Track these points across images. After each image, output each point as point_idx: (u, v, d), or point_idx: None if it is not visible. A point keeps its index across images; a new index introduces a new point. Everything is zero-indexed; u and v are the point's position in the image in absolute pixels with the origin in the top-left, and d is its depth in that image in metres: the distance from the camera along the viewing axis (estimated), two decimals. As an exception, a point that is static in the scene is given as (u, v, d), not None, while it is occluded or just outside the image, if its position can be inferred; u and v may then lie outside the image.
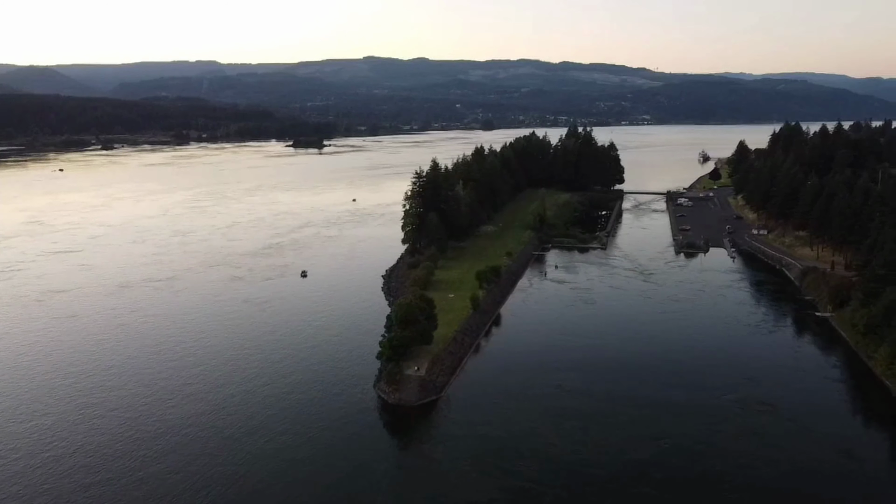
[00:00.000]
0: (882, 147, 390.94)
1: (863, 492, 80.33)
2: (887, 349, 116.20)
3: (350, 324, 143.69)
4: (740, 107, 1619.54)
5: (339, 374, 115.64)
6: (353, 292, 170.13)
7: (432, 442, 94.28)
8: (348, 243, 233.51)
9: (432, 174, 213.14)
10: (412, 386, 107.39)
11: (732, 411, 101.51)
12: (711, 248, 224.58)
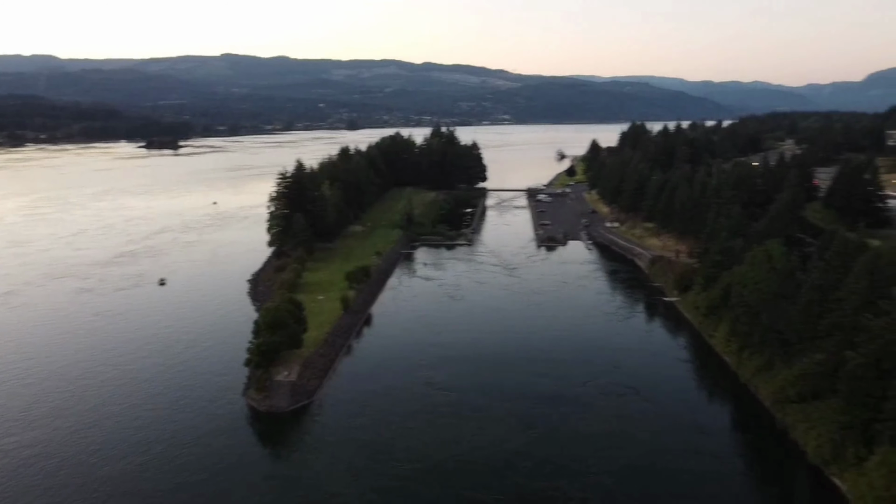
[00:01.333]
0: (715, 144, 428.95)
1: (713, 465, 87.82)
2: (725, 328, 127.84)
3: (215, 332, 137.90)
4: (592, 107, 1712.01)
5: (206, 386, 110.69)
6: (217, 299, 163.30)
7: (306, 449, 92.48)
8: (210, 248, 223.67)
9: (297, 175, 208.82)
10: (283, 392, 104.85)
11: (596, 397, 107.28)
12: (570, 242, 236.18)
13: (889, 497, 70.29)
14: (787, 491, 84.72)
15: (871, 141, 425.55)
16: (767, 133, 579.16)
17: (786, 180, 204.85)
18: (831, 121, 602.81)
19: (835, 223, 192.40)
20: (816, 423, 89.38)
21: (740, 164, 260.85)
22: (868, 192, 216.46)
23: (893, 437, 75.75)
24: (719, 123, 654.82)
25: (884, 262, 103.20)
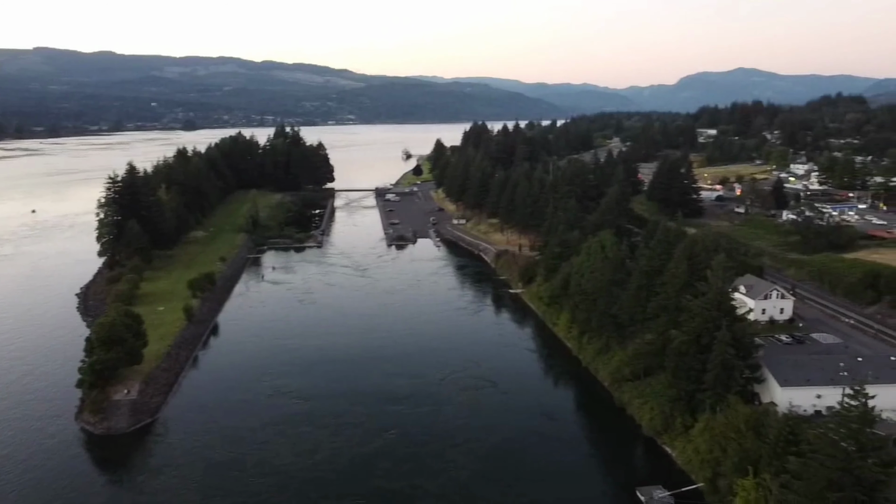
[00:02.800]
0: (551, 143, 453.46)
1: (562, 447, 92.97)
2: (566, 316, 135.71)
3: (41, 353, 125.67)
4: (435, 107, 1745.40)
5: (33, 412, 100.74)
6: (42, 317, 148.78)
7: (149, 472, 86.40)
8: (30, 261, 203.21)
9: (130, 178, 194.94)
10: (122, 412, 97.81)
11: (453, 392, 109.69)
12: (419, 240, 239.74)
13: (711, 458, 78.11)
14: (627, 463, 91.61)
15: (686, 139, 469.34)
16: (597, 132, 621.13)
17: (614, 175, 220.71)
18: (651, 120, 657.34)
19: (657, 214, 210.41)
20: (649, 398, 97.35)
21: (574, 160, 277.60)
22: (684, 185, 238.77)
23: (713, 404, 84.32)
24: (554, 123, 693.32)
25: (699, 248, 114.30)
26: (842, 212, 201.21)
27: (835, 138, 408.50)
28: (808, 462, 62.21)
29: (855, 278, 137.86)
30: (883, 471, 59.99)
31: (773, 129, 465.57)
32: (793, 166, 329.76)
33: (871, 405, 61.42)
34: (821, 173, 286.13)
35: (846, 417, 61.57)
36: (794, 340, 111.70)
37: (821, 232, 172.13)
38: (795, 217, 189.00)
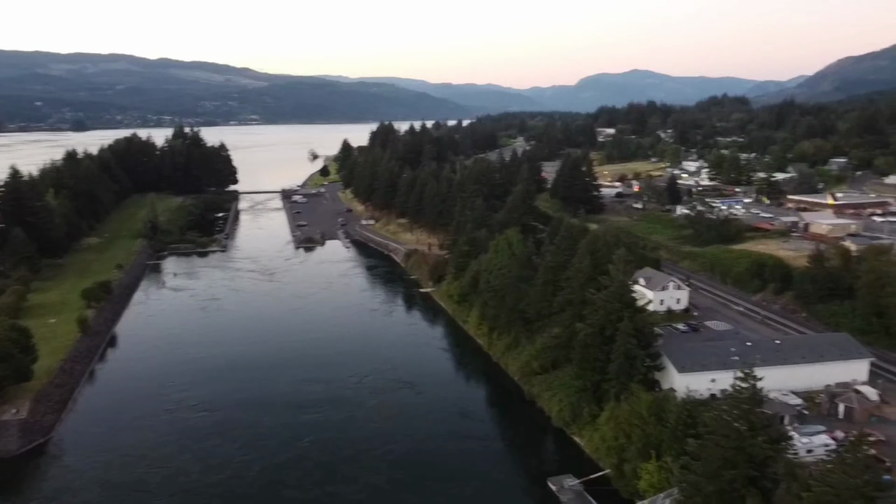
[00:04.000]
0: (457, 142, 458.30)
1: (476, 444, 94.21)
2: (476, 313, 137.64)
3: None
4: (340, 107, 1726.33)
5: None
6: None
7: (43, 497, 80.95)
8: None
9: (13, 183, 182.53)
10: (10, 433, 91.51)
11: (367, 395, 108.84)
12: (328, 241, 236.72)
13: (617, 445, 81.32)
14: (538, 455, 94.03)
15: (586, 138, 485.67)
16: (502, 131, 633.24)
17: (519, 174, 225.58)
18: (553, 120, 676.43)
19: (561, 211, 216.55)
20: (557, 390, 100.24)
21: (480, 160, 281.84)
22: (586, 183, 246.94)
23: (617, 393, 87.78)
24: (460, 123, 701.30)
25: (601, 243, 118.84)
26: (730, 206, 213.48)
27: (722, 136, 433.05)
28: (705, 443, 65.83)
29: (743, 268, 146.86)
30: (771, 447, 64.31)
31: (667, 128, 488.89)
32: (685, 163, 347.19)
33: (760, 387, 65.75)
34: (710, 170, 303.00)
35: (738, 399, 65.61)
36: (690, 328, 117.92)
37: (711, 225, 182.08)
38: (688, 212, 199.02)
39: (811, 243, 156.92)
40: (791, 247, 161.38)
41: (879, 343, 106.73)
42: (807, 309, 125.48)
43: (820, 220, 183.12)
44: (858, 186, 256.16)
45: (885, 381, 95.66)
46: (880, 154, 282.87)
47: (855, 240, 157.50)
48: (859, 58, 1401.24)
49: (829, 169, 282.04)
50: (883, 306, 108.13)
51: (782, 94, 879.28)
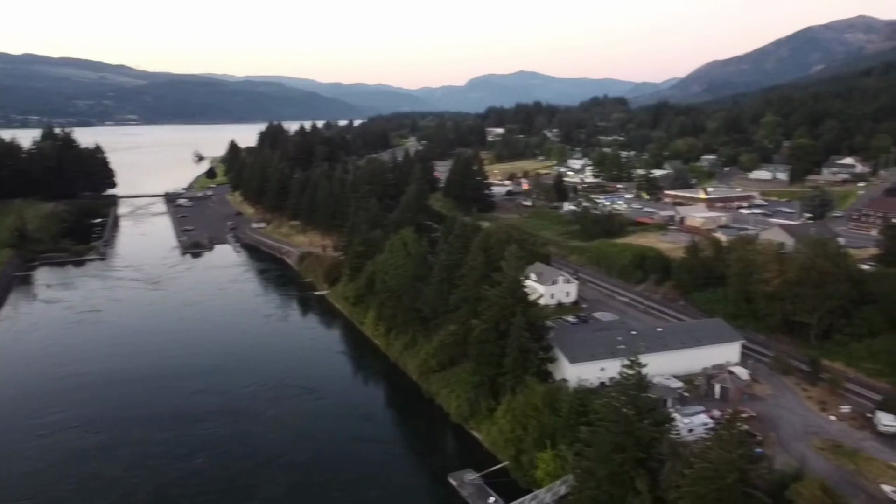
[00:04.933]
0: (349, 143, 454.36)
1: (377, 447, 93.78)
2: (373, 314, 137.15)
3: None
4: (226, 107, 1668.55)
5: None
6: None
7: None
8: None
9: None
10: None
11: (266, 404, 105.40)
12: (217, 246, 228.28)
13: (514, 437, 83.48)
14: (439, 452, 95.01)
15: (476, 138, 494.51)
16: (394, 131, 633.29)
17: (412, 174, 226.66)
18: (444, 120, 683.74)
19: (454, 210, 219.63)
20: (455, 386, 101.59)
21: (372, 160, 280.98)
22: (477, 181, 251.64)
23: (513, 386, 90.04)
24: (351, 123, 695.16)
25: (493, 240, 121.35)
26: (613, 202, 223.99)
27: (604, 135, 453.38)
28: (596, 430, 68.84)
29: (626, 261, 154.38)
30: (656, 429, 68.10)
31: (553, 128, 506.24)
32: (570, 161, 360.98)
33: (645, 373, 69.47)
34: (594, 167, 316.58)
35: (625, 386, 69.03)
36: (580, 320, 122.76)
37: (596, 221, 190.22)
38: (575, 208, 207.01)
39: (687, 235, 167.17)
40: (669, 239, 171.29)
41: (748, 326, 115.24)
42: (685, 297, 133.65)
43: (694, 214, 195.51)
44: (726, 181, 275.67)
45: (754, 361, 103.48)
46: (745, 151, 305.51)
47: (725, 231, 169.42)
48: (725, 61, 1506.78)
49: (701, 165, 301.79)
50: (750, 292, 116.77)
51: (657, 95, 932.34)
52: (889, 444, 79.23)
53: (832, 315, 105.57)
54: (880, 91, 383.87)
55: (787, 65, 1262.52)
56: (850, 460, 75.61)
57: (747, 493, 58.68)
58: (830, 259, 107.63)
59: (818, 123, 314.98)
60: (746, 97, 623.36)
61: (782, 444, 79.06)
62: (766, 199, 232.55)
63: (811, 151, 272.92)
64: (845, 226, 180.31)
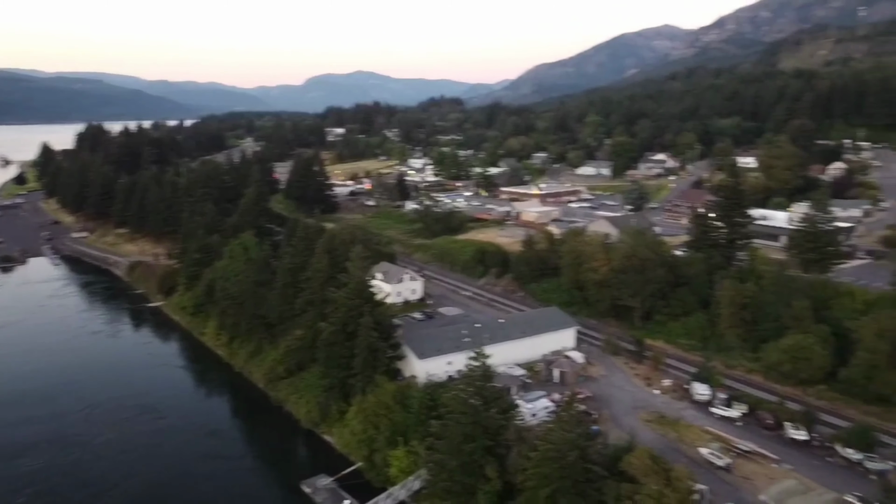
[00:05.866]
0: (180, 144, 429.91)
1: (225, 462, 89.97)
2: (214, 323, 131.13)
3: None
4: (36, 105, 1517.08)
5: None
6: None
7: None
8: None
9: None
10: None
11: (100, 428, 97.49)
12: (31, 259, 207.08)
13: (366, 437, 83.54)
14: (291, 460, 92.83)
15: (316, 138, 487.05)
16: (229, 131, 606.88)
17: (250, 176, 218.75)
18: (282, 120, 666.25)
19: (296, 212, 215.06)
20: (304, 391, 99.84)
21: (207, 162, 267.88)
22: (319, 182, 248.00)
23: (363, 387, 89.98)
24: (181, 123, 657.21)
25: (338, 241, 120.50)
26: (453, 200, 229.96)
27: (442, 135, 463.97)
28: (446, 422, 70.72)
29: (468, 256, 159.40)
30: (503, 417, 71.28)
31: (392, 128, 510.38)
32: (411, 161, 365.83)
33: (489, 363, 72.37)
34: (434, 166, 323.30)
35: (471, 377, 71.55)
36: (426, 316, 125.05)
37: (438, 218, 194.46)
38: (417, 206, 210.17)
39: (523, 230, 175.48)
40: (507, 234, 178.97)
41: (581, 313, 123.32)
42: (523, 288, 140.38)
43: (529, 209, 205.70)
44: (556, 177, 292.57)
45: (588, 345, 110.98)
46: (571, 149, 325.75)
47: (557, 224, 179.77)
48: (551, 65, 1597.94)
49: (533, 163, 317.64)
50: (581, 281, 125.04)
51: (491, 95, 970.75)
52: (703, 411, 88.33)
53: (652, 298, 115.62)
54: (685, 93, 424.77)
55: (605, 68, 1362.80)
56: (672, 429, 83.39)
57: (587, 468, 63.07)
58: (649, 247, 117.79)
59: (634, 122, 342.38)
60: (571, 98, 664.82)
61: (615, 419, 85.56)
62: (592, 194, 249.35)
63: (629, 148, 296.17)
64: (660, 216, 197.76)
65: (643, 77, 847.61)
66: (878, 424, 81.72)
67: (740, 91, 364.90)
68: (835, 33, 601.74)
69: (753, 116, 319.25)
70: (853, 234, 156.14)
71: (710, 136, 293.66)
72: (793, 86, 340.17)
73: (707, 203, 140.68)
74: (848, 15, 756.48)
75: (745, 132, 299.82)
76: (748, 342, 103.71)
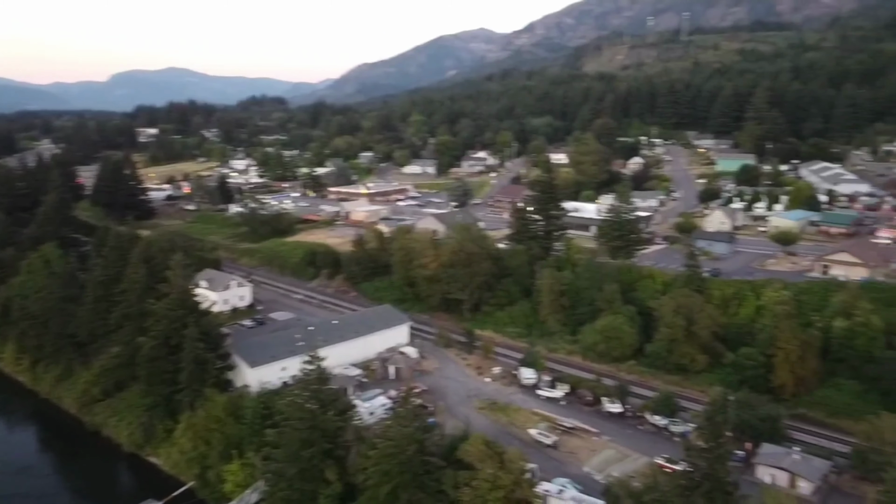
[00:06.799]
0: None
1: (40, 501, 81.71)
2: (12, 346, 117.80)
3: None
4: None
5: None
6: None
7: None
8: None
9: None
10: None
11: None
12: None
13: (198, 455, 79.34)
14: (113, 488, 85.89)
15: (126, 139, 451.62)
16: (21, 133, 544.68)
17: (50, 181, 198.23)
18: (85, 119, 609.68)
19: (105, 219, 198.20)
20: (124, 413, 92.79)
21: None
22: (131, 186, 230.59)
23: (191, 402, 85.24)
24: None
25: (156, 249, 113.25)
26: (280, 201, 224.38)
27: (266, 135, 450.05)
28: (283, 430, 69.12)
29: (298, 258, 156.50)
30: (341, 418, 71.00)
31: (211, 128, 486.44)
32: (233, 162, 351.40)
33: (325, 366, 71.73)
34: (258, 167, 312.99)
35: (307, 381, 70.52)
36: (257, 323, 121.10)
37: (265, 221, 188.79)
38: (242, 209, 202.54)
39: (353, 229, 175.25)
40: (337, 234, 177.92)
41: (414, 309, 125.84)
42: (356, 288, 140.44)
43: (358, 209, 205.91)
44: (384, 176, 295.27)
45: (421, 339, 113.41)
46: (397, 148, 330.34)
47: (386, 223, 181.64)
48: (373, 64, 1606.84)
49: (360, 162, 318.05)
50: (412, 277, 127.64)
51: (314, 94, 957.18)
52: (531, 394, 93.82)
53: (480, 290, 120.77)
54: (501, 94, 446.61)
55: (426, 69, 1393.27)
56: (503, 414, 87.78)
57: (425, 460, 64.67)
58: (475, 241, 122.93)
59: (456, 122, 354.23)
60: (395, 98, 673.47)
61: (450, 410, 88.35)
62: (419, 192, 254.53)
63: (452, 147, 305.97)
64: (484, 211, 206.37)
65: (462, 78, 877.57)
66: (679, 392, 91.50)
67: (550, 92, 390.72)
68: (629, 40, 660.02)
69: (563, 116, 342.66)
70: (651, 222, 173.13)
71: (525, 135, 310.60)
72: (596, 88, 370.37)
73: (525, 198, 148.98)
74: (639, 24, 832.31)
75: (557, 130, 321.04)
76: (567, 326, 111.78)
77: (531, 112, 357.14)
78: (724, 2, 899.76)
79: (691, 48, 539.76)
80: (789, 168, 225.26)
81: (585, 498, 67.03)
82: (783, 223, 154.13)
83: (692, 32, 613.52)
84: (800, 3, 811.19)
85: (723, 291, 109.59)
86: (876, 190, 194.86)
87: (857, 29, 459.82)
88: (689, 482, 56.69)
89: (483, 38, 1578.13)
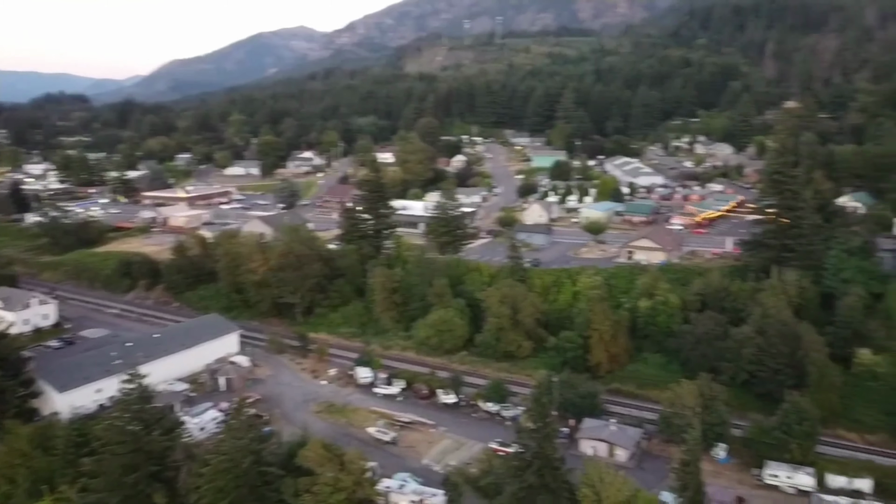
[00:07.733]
0: None
1: None
2: None
3: None
4: None
5: None
6: None
7: None
8: None
9: None
10: None
11: None
12: None
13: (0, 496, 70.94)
14: None
15: None
16: None
17: None
18: None
19: None
20: None
21: None
22: None
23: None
24: None
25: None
26: (87, 208, 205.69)
27: (66, 136, 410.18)
28: (101, 457, 63.76)
29: (110, 270, 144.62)
30: (168, 438, 66.81)
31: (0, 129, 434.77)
32: (28, 167, 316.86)
33: (147, 384, 67.09)
34: (59, 172, 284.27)
35: (127, 402, 65.57)
36: (65, 343, 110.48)
37: (69, 230, 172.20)
38: (41, 219, 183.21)
39: (172, 236, 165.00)
40: (154, 242, 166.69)
41: (243, 316, 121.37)
42: (178, 298, 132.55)
43: (176, 214, 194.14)
44: (204, 179, 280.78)
45: (252, 347, 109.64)
46: (218, 149, 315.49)
47: (209, 228, 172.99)
48: (187, 61, 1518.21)
49: (177, 164, 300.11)
50: (240, 283, 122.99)
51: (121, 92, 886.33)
52: (367, 393, 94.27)
53: (312, 292, 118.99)
54: (325, 93, 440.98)
55: (245, 67, 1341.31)
56: (341, 415, 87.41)
57: (262, 471, 62.76)
58: (304, 243, 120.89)
59: (279, 122, 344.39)
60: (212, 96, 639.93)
61: (287, 416, 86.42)
62: (243, 194, 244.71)
63: (276, 147, 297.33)
64: (312, 212, 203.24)
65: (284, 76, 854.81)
66: (508, 378, 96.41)
67: (374, 91, 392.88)
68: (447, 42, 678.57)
69: (388, 115, 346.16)
70: (476, 218, 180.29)
71: (351, 134, 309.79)
72: (417, 88, 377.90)
73: (354, 197, 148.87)
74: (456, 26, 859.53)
75: (382, 130, 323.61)
76: (401, 323, 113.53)
77: (356, 111, 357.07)
78: (533, 8, 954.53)
79: (505, 51, 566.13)
80: (596, 163, 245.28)
81: (426, 490, 68.65)
82: (593, 214, 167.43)
83: (505, 36, 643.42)
84: (598, 11, 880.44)
85: (543, 280, 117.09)
86: (668, 181, 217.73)
87: (647, 36, 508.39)
88: (521, 462, 60.10)
89: (304, 37, 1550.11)
